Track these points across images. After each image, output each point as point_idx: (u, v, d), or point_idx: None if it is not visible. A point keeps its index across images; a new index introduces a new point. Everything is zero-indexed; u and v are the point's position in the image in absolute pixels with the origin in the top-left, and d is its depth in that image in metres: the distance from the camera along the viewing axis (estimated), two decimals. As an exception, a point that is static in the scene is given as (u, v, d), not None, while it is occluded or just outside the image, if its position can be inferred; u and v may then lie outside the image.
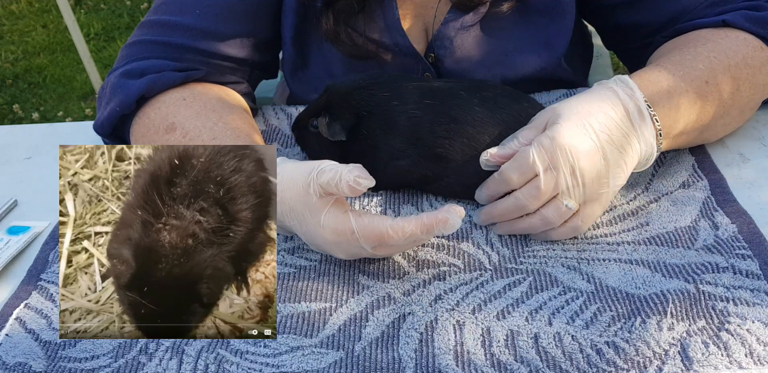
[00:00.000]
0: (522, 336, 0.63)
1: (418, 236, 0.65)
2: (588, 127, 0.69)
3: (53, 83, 3.19)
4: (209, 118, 0.83)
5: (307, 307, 0.69)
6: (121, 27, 3.59)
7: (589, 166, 0.69)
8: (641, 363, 0.60)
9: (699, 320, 0.63)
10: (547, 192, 0.69)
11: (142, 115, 0.86)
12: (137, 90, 0.85)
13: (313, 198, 0.67)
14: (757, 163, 0.82)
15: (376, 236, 0.65)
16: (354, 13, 0.92)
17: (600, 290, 0.67)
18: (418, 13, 0.94)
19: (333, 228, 0.67)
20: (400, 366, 0.62)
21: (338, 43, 0.93)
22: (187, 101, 0.85)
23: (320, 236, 0.68)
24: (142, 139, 0.85)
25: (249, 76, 0.98)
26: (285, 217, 0.70)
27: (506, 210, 0.72)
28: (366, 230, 0.65)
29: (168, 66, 0.88)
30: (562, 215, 0.70)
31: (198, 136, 0.81)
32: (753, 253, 0.69)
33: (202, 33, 0.90)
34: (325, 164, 0.67)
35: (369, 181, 0.64)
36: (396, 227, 0.65)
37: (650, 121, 0.72)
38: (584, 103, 0.71)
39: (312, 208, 0.67)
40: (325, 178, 0.66)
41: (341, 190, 0.65)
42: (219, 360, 0.64)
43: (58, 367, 0.64)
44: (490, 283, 0.69)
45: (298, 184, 0.68)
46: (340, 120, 0.76)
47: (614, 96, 0.72)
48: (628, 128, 0.71)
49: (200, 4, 0.91)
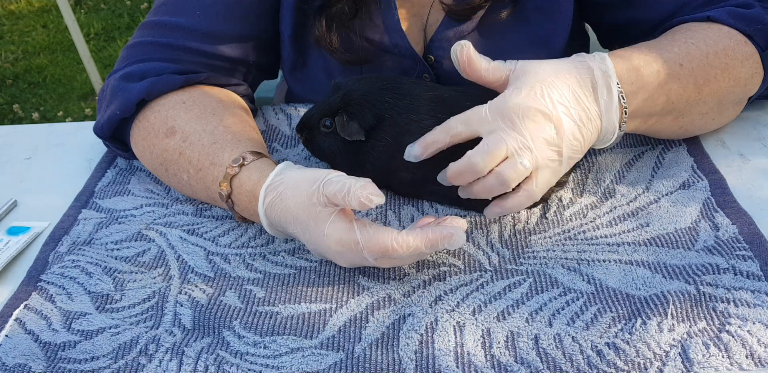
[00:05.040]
0: (522, 337, 0.63)
1: (422, 250, 0.65)
2: (546, 98, 0.69)
3: (53, 83, 3.19)
4: (209, 121, 0.83)
5: (307, 308, 0.69)
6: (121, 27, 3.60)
7: (536, 130, 0.68)
8: (642, 364, 0.59)
9: (699, 321, 0.63)
10: (497, 151, 0.68)
11: (142, 119, 0.86)
12: (137, 93, 0.85)
13: (317, 207, 0.67)
14: (757, 164, 0.82)
15: (380, 249, 0.65)
16: (347, 19, 0.91)
17: (600, 291, 0.67)
18: (416, 13, 0.94)
19: (337, 238, 0.66)
20: (400, 367, 0.62)
21: (331, 50, 0.93)
22: (186, 105, 0.85)
23: (324, 245, 0.68)
24: (142, 143, 0.85)
25: (249, 77, 0.98)
26: (288, 225, 0.70)
27: (459, 169, 0.70)
28: (370, 243, 0.65)
29: (168, 69, 0.88)
30: (517, 172, 0.68)
31: (198, 140, 0.81)
32: (754, 254, 0.69)
33: (201, 34, 0.90)
34: (333, 175, 0.67)
35: (380, 198, 0.64)
36: (401, 242, 0.65)
37: (617, 98, 0.71)
38: (552, 73, 0.71)
39: (316, 217, 0.67)
40: (332, 189, 0.65)
41: (349, 203, 0.64)
42: (219, 361, 0.63)
43: (57, 368, 0.64)
44: (490, 284, 0.69)
45: (303, 192, 0.68)
46: (359, 119, 0.76)
47: (586, 72, 0.71)
48: (590, 103, 0.70)
49: (199, 5, 0.90)
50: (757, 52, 0.81)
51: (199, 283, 0.72)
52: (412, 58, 0.94)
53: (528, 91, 0.69)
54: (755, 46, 0.81)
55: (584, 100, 0.70)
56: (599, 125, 0.72)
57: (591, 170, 0.83)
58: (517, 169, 0.68)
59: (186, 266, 0.75)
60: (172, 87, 0.87)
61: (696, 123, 0.82)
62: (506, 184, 0.69)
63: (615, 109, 0.71)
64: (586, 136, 0.71)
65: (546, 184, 0.72)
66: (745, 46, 0.81)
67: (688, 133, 0.84)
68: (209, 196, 0.80)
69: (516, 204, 0.72)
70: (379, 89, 0.76)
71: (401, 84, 0.77)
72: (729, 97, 0.82)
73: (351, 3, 0.91)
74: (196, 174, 0.79)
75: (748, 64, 0.81)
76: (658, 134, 0.83)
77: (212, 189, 0.78)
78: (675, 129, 0.82)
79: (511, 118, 0.68)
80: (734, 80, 0.80)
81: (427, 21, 0.94)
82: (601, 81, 0.71)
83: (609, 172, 0.82)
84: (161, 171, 0.84)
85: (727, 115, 0.85)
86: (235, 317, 0.68)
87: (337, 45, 0.92)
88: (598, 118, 0.71)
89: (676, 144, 0.85)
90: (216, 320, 0.68)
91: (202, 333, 0.67)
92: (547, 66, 0.71)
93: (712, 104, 0.81)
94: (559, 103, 0.69)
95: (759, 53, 0.81)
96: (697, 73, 0.77)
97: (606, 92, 0.71)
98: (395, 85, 0.77)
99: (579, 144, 0.71)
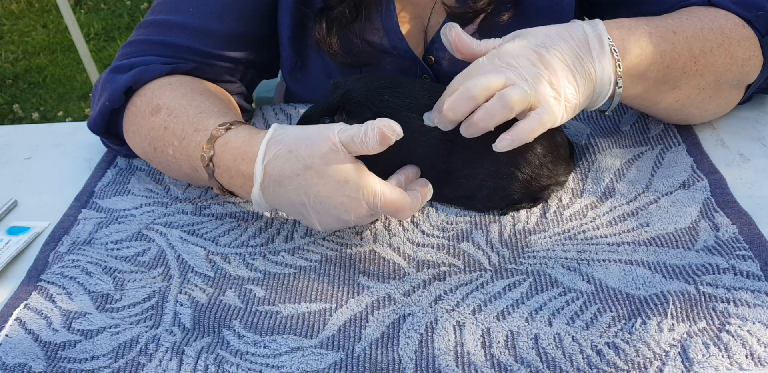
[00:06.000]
0: (522, 337, 0.63)
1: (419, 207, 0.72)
2: (540, 46, 0.70)
3: (53, 83, 3.19)
4: (195, 98, 0.82)
5: (307, 307, 0.69)
6: (121, 27, 3.60)
7: (532, 67, 0.69)
8: (641, 364, 0.59)
9: (699, 321, 0.63)
10: (494, 78, 0.68)
11: (130, 106, 0.86)
12: (124, 82, 0.85)
13: (338, 154, 0.67)
14: (757, 163, 0.82)
15: (394, 207, 0.69)
16: (348, 22, 0.92)
17: (600, 291, 0.67)
18: (416, 14, 0.94)
19: (358, 185, 0.67)
20: (400, 367, 0.62)
21: (331, 54, 0.93)
22: (173, 85, 0.85)
23: (340, 193, 0.68)
24: (131, 128, 0.85)
25: (246, 76, 0.98)
26: (294, 178, 0.68)
27: (454, 97, 0.68)
28: (387, 199, 0.69)
29: (157, 61, 0.88)
30: (520, 93, 0.67)
31: (183, 113, 0.79)
32: (754, 254, 0.69)
33: (196, 32, 0.90)
34: (343, 125, 0.69)
35: (400, 128, 0.66)
36: (412, 204, 0.70)
37: (609, 51, 0.72)
38: (544, 30, 0.72)
39: (336, 163, 0.67)
40: (348, 134, 0.66)
41: (368, 143, 0.66)
42: (219, 361, 0.63)
43: (57, 367, 0.64)
44: (490, 283, 0.69)
45: (317, 141, 0.68)
46: (358, 119, 0.76)
47: (578, 29, 0.73)
48: (583, 53, 0.71)
49: (194, 3, 0.90)
50: (755, 36, 0.82)
51: (199, 282, 0.72)
52: (411, 59, 0.94)
53: (521, 40, 0.71)
54: (755, 31, 0.82)
55: (576, 49, 0.71)
56: (593, 74, 0.71)
57: (590, 170, 0.83)
58: (519, 90, 0.67)
59: (186, 265, 0.75)
60: (159, 74, 0.87)
61: (693, 99, 0.82)
62: (509, 106, 0.67)
63: (608, 59, 0.72)
64: (580, 82, 0.71)
65: (552, 113, 0.69)
66: (742, 29, 0.81)
67: (685, 112, 0.83)
68: (191, 165, 0.78)
69: (527, 128, 0.68)
70: (379, 88, 0.76)
71: (401, 83, 0.77)
72: (727, 75, 0.81)
73: (352, 6, 0.91)
74: (180, 144, 0.78)
75: (745, 45, 0.81)
76: (656, 108, 0.83)
77: (194, 156, 0.76)
78: (672, 102, 0.81)
79: (507, 60, 0.69)
80: (731, 58, 0.80)
81: (428, 23, 0.94)
82: (592, 35, 0.72)
83: (609, 172, 0.82)
84: (150, 151, 0.83)
85: (724, 99, 0.85)
86: (235, 317, 0.68)
87: (337, 48, 0.92)
88: (591, 67, 0.71)
89: (675, 144, 0.85)
90: (216, 319, 0.68)
91: (202, 333, 0.67)
92: (539, 28, 0.73)
93: (710, 80, 0.80)
94: (552, 48, 0.70)
95: (758, 39, 0.82)
96: (692, 42, 0.78)
97: (597, 44, 0.72)
98: (395, 84, 0.77)
99: (574, 89, 0.70)
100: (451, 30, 0.73)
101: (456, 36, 0.73)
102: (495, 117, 0.67)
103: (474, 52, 0.73)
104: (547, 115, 0.68)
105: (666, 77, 0.78)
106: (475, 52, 0.73)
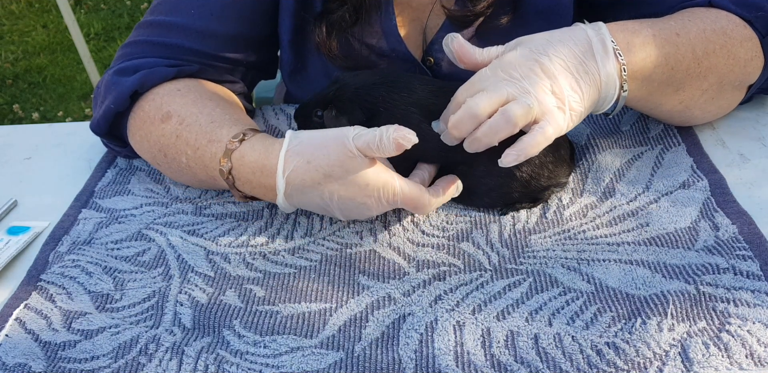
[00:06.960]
0: (522, 337, 0.63)
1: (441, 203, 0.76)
2: (542, 53, 0.70)
3: (53, 83, 3.19)
4: (206, 105, 0.82)
5: (307, 307, 0.69)
6: (121, 27, 3.60)
7: (535, 78, 0.68)
8: (641, 364, 0.60)
9: (699, 321, 0.63)
10: (496, 94, 0.68)
11: (137, 109, 0.86)
12: (130, 86, 0.85)
13: (356, 160, 0.69)
14: (757, 163, 0.82)
15: (414, 204, 0.72)
16: (348, 26, 0.92)
17: (600, 291, 0.67)
18: (415, 17, 0.94)
19: (381, 183, 0.70)
20: (400, 367, 0.62)
21: (331, 57, 0.93)
22: (182, 92, 0.85)
23: (363, 194, 0.70)
24: (138, 133, 0.85)
25: (246, 77, 0.98)
26: (316, 186, 0.70)
27: (458, 115, 0.69)
28: (406, 196, 0.71)
29: (161, 63, 0.88)
30: (523, 108, 0.67)
31: (195, 121, 0.80)
32: (753, 254, 0.69)
33: (196, 33, 0.90)
34: (357, 129, 0.69)
35: (414, 136, 0.67)
36: (432, 201, 0.73)
37: (613, 55, 0.72)
38: (546, 36, 0.72)
39: (356, 169, 0.69)
40: (364, 140, 0.67)
41: (384, 149, 0.67)
42: (219, 361, 0.63)
43: (57, 367, 0.64)
44: (490, 283, 0.69)
45: (333, 150, 0.69)
46: (347, 115, 0.76)
47: (580, 33, 0.73)
48: (587, 58, 0.71)
49: (195, 4, 0.90)
50: (756, 36, 0.82)
51: (199, 282, 0.72)
52: (410, 62, 0.94)
53: (524, 49, 0.71)
54: (755, 31, 0.82)
55: (580, 55, 0.71)
56: (598, 79, 0.71)
57: (590, 170, 0.83)
58: (522, 105, 0.67)
59: (186, 265, 0.75)
60: (165, 78, 0.86)
61: (696, 101, 0.82)
62: (512, 121, 0.67)
63: (612, 62, 0.72)
64: (584, 89, 0.71)
65: (557, 125, 0.69)
66: (744, 29, 0.81)
67: (688, 114, 0.83)
68: (209, 175, 0.79)
69: (532, 143, 0.68)
70: (374, 84, 0.76)
71: (399, 77, 0.77)
72: (729, 76, 0.81)
73: (351, 10, 0.91)
74: (194, 154, 0.79)
75: (747, 46, 0.81)
76: (659, 110, 0.82)
77: (211, 167, 0.77)
78: (675, 104, 0.81)
79: (509, 71, 0.69)
80: (734, 59, 0.80)
81: (426, 24, 0.94)
82: (595, 39, 0.72)
83: (608, 172, 0.82)
84: (160, 158, 0.83)
85: (726, 100, 0.85)
86: (235, 317, 0.68)
87: (337, 51, 0.92)
88: (596, 72, 0.71)
89: (675, 144, 0.85)
90: (216, 319, 0.68)
91: (202, 332, 0.67)
92: (541, 34, 0.73)
93: (713, 81, 0.80)
94: (554, 56, 0.70)
95: (759, 39, 0.82)
96: (695, 43, 0.78)
97: (601, 48, 0.72)
98: (392, 78, 0.77)
99: (578, 96, 0.70)
100: (453, 40, 0.74)
101: (458, 46, 0.74)
102: (499, 133, 0.69)
103: (477, 62, 0.74)
104: (551, 128, 0.69)
105: (670, 79, 0.78)
106: (477, 62, 0.74)
